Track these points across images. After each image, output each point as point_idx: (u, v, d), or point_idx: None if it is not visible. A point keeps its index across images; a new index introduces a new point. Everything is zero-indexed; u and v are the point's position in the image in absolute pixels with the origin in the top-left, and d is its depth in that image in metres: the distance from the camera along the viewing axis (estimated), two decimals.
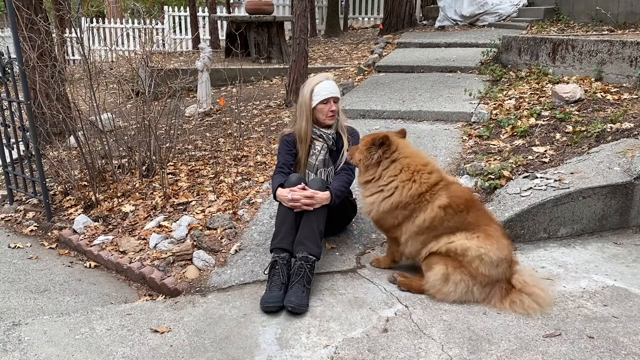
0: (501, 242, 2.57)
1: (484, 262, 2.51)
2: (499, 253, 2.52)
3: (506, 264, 2.55)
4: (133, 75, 5.27)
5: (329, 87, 3.00)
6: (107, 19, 15.41)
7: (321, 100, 2.98)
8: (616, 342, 2.24)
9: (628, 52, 4.95)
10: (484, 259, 2.51)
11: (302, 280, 2.60)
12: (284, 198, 2.77)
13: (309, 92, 2.99)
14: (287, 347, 2.30)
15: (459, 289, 2.56)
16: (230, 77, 7.15)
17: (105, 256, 3.41)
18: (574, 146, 3.91)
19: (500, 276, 2.55)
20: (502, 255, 2.53)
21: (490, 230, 2.60)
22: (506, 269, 2.56)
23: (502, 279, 2.56)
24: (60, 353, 2.29)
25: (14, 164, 4.47)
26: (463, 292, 2.56)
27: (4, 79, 4.07)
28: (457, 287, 2.55)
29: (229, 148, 4.97)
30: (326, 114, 3.01)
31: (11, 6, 3.76)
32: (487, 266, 2.51)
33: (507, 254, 2.56)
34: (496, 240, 2.56)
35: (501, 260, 2.53)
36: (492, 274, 2.53)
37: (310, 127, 3.03)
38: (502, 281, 2.56)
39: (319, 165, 3.10)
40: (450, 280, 2.56)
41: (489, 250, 2.51)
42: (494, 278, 2.54)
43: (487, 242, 2.54)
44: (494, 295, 2.57)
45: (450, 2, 11.26)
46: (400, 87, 6.19)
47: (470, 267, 2.53)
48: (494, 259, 2.51)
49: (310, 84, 3.03)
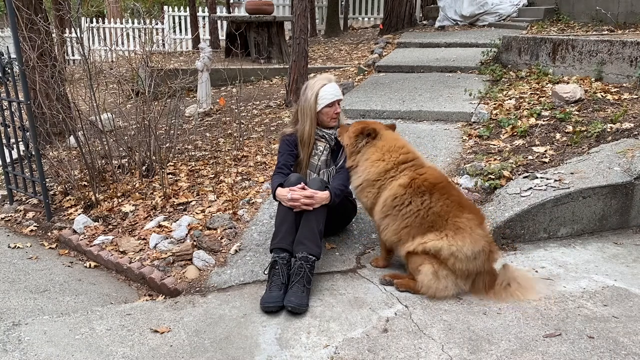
0: (475, 234, 2.55)
1: (459, 259, 2.53)
2: (472, 247, 2.53)
3: (483, 256, 2.56)
4: (133, 75, 5.27)
5: (333, 90, 3.01)
6: (107, 19, 15.41)
7: (327, 104, 2.99)
8: (616, 342, 2.24)
9: (628, 52, 4.95)
10: (457, 256, 2.53)
11: (302, 280, 2.60)
12: (284, 198, 2.77)
13: (314, 96, 2.99)
14: (287, 347, 2.30)
15: (450, 284, 2.58)
16: (230, 77, 7.14)
17: (105, 256, 3.41)
18: (574, 146, 3.91)
19: (479, 268, 2.57)
20: (477, 248, 2.54)
21: (461, 223, 2.57)
22: (485, 260, 2.57)
23: (482, 270, 2.58)
24: (60, 353, 2.29)
25: (14, 164, 4.47)
26: (452, 286, 2.59)
27: (4, 79, 4.07)
28: (448, 282, 2.58)
29: (229, 148, 4.97)
30: (331, 116, 3.03)
31: (11, 6, 3.76)
32: (463, 262, 2.54)
33: (483, 245, 2.56)
34: (468, 233, 2.55)
35: (477, 253, 2.54)
36: (470, 268, 2.56)
37: (314, 129, 3.04)
38: (483, 273, 2.59)
39: (321, 166, 3.10)
40: (440, 276, 2.57)
41: (461, 247, 2.52)
42: (472, 271, 2.57)
43: (457, 238, 2.54)
44: (478, 285, 2.63)
45: (450, 2, 11.25)
46: (400, 87, 6.19)
47: (448, 264, 2.56)
48: (468, 254, 2.52)
49: (314, 88, 3.01)
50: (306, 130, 3.03)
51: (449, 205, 2.62)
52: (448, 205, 2.62)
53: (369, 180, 2.79)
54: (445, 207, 2.61)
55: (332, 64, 9.01)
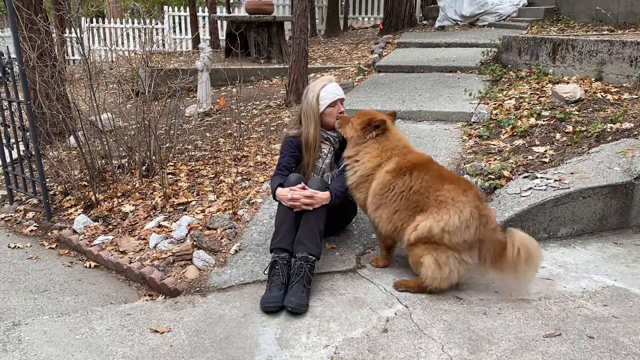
0: (458, 203, 2.52)
1: (452, 232, 2.49)
2: (459, 216, 2.49)
3: (475, 222, 2.50)
4: (133, 75, 5.27)
5: (334, 89, 3.00)
6: (107, 19, 15.41)
7: (329, 104, 2.98)
8: (616, 342, 2.24)
9: (628, 52, 4.95)
10: (448, 230, 2.49)
11: (302, 280, 2.60)
12: (284, 197, 2.77)
13: (315, 97, 2.98)
14: (287, 347, 2.30)
15: (453, 266, 2.54)
16: (230, 77, 7.14)
17: (105, 256, 3.41)
18: (574, 146, 3.91)
19: (478, 236, 2.51)
20: (464, 216, 2.49)
21: (442, 196, 2.55)
22: (480, 226, 2.50)
23: (483, 238, 2.52)
24: (60, 353, 2.29)
25: (14, 164, 4.47)
26: (458, 266, 2.54)
27: (4, 79, 4.07)
28: (451, 265, 2.53)
29: (229, 148, 4.97)
30: (335, 116, 3.00)
31: (11, 6, 3.76)
32: (457, 234, 2.49)
33: (470, 212, 2.50)
34: (451, 204, 2.52)
35: (466, 221, 2.49)
36: (467, 237, 2.50)
37: (318, 131, 3.01)
38: (486, 241, 2.52)
39: (326, 169, 3.10)
40: (441, 263, 2.54)
41: (447, 219, 2.49)
42: (470, 240, 2.51)
43: (442, 212, 2.52)
44: (486, 255, 2.56)
45: (450, 2, 11.25)
46: (400, 87, 6.19)
47: (444, 242, 2.52)
48: (457, 225, 2.49)
49: (314, 89, 3.01)
50: (311, 134, 3.00)
51: (427, 180, 2.62)
52: (427, 180, 2.62)
53: (364, 176, 2.81)
54: (425, 184, 2.61)
55: (332, 64, 9.01)
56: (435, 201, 2.56)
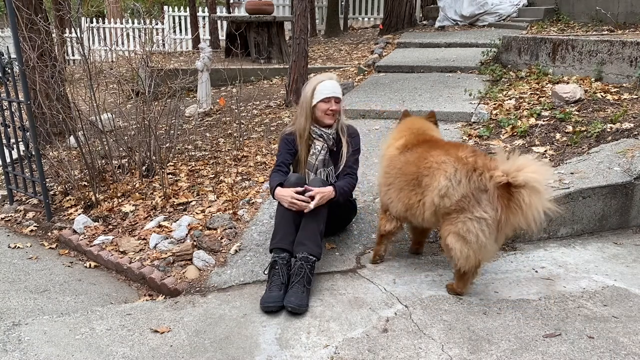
0: (441, 165, 2.48)
1: (448, 194, 2.44)
2: (445, 174, 2.45)
3: (465, 175, 2.40)
4: (133, 75, 5.27)
5: (331, 86, 3.01)
6: (107, 19, 15.41)
7: (322, 98, 2.98)
8: (616, 342, 2.24)
9: (628, 52, 4.95)
10: (443, 193, 2.45)
11: (302, 280, 2.60)
12: (284, 199, 2.77)
13: (311, 90, 3.01)
14: (287, 347, 2.30)
15: (474, 228, 2.41)
16: (230, 77, 7.14)
17: (105, 256, 3.41)
18: (574, 146, 3.91)
19: (474, 185, 2.40)
20: (450, 172, 2.44)
21: (429, 163, 2.53)
22: (472, 177, 2.39)
23: (484, 188, 2.39)
24: (60, 353, 2.29)
25: (14, 164, 4.47)
26: (478, 226, 2.40)
27: (4, 79, 4.07)
28: (471, 227, 2.41)
29: (229, 148, 4.97)
30: (325, 112, 3.00)
31: (11, 6, 3.76)
32: (452, 193, 2.43)
33: (454, 167, 2.44)
34: (436, 168, 2.50)
35: (453, 176, 2.43)
36: (464, 191, 2.41)
37: (309, 124, 3.04)
38: (489, 189, 2.37)
39: (319, 165, 3.10)
40: (463, 234, 2.43)
41: (438, 184, 2.46)
42: (469, 193, 2.40)
43: (433, 180, 2.49)
44: (496, 203, 2.37)
45: (450, 2, 11.25)
46: (400, 87, 6.19)
47: (451, 205, 2.45)
48: (449, 185, 2.43)
49: (313, 83, 3.04)
50: (301, 125, 3.05)
51: (420, 152, 2.65)
52: (419, 152, 2.65)
53: (379, 157, 2.97)
54: (417, 155, 2.65)
55: (332, 64, 9.01)
56: (426, 170, 2.55)
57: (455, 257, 2.50)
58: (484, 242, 2.42)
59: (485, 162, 2.44)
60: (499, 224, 2.41)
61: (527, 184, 2.30)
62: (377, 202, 3.58)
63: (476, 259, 2.48)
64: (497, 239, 2.47)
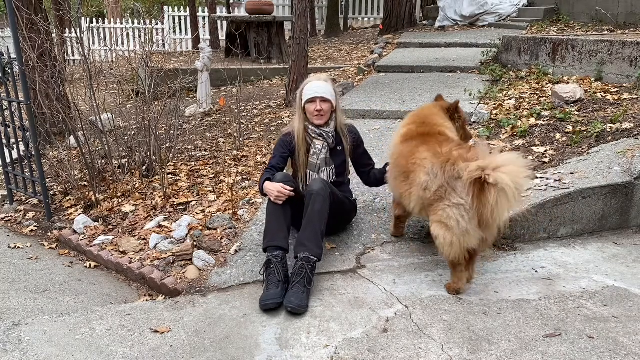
0: (423, 160, 2.60)
1: (428, 188, 2.55)
2: (424, 170, 2.57)
3: (440, 168, 2.49)
4: (133, 75, 5.27)
5: (316, 87, 3.05)
6: (107, 19, 15.41)
7: (308, 99, 3.05)
8: (616, 342, 2.24)
9: (628, 52, 4.95)
10: (424, 185, 2.56)
11: (302, 281, 2.60)
12: (271, 193, 2.80)
13: (300, 92, 3.10)
14: (287, 347, 2.30)
15: (453, 213, 2.46)
16: (230, 77, 7.14)
17: (105, 256, 3.41)
18: (574, 146, 3.91)
19: (448, 175, 2.47)
20: (428, 167, 2.55)
21: (415, 160, 2.65)
22: (444, 168, 2.48)
23: (458, 175, 2.44)
24: (60, 353, 2.29)
25: (14, 164, 4.47)
26: (456, 211, 2.46)
27: (4, 79, 4.07)
28: (450, 213, 2.47)
29: (229, 148, 4.97)
30: (312, 113, 3.06)
31: (11, 6, 3.76)
32: (430, 185, 2.53)
33: (432, 163, 2.54)
34: (419, 164, 2.61)
35: (431, 171, 2.53)
36: (441, 182, 2.50)
37: (302, 125, 3.09)
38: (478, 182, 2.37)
39: (321, 164, 3.11)
40: (443, 219, 2.50)
41: (420, 180, 2.58)
42: (445, 183, 2.48)
43: (417, 176, 2.61)
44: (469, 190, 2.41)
45: (450, 2, 11.26)
46: (400, 87, 6.19)
47: (431, 196, 2.54)
48: (425, 178, 2.55)
49: (303, 84, 3.13)
50: (296, 125, 3.11)
51: (413, 145, 2.72)
52: (412, 146, 2.72)
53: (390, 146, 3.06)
54: (409, 149, 2.72)
55: (332, 64, 9.01)
56: (412, 166, 2.66)
57: (440, 245, 2.56)
58: (465, 227, 2.47)
59: (462, 153, 2.52)
60: (477, 210, 2.45)
61: (497, 185, 2.33)
62: (377, 202, 3.59)
63: (460, 245, 2.50)
64: (480, 225, 2.49)
